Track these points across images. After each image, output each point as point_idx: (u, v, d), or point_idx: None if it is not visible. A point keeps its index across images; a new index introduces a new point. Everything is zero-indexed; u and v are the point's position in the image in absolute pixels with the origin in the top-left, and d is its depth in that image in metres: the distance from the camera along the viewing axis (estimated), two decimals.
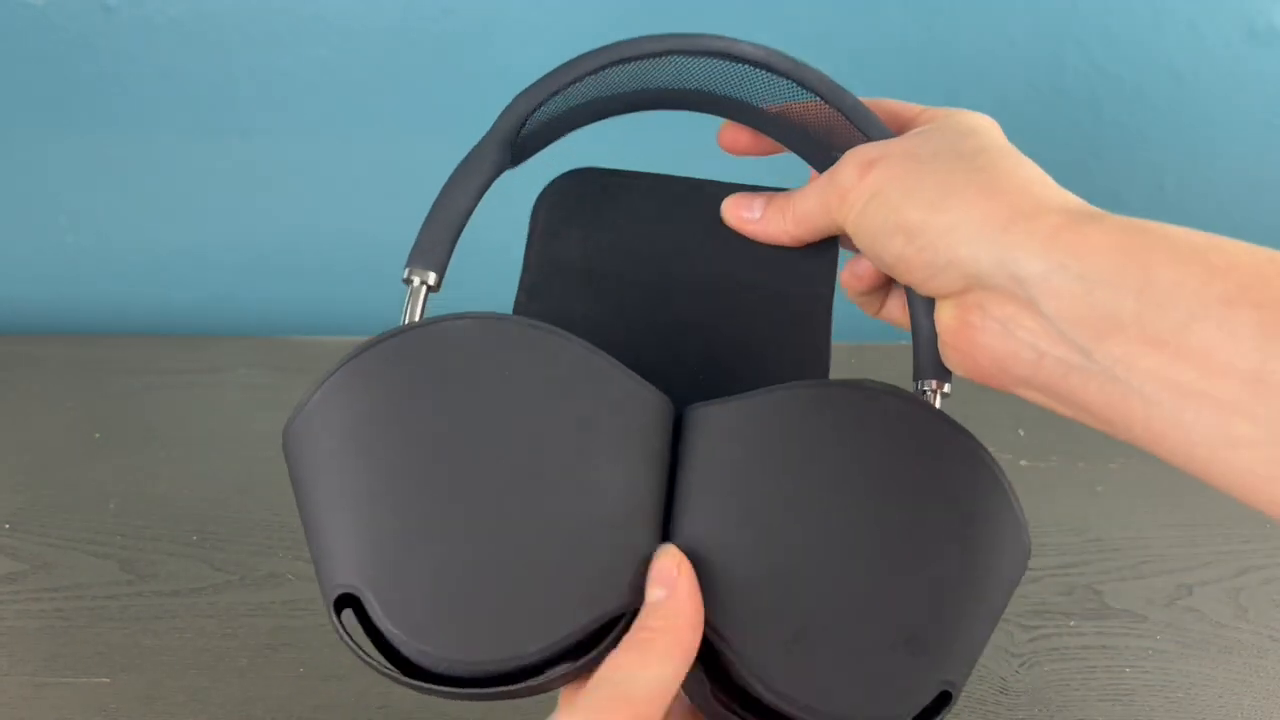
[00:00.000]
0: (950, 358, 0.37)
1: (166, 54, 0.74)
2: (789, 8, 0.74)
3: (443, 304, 0.37)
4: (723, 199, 0.43)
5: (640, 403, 0.36)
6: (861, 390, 0.37)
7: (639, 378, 0.36)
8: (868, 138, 0.40)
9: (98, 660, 0.54)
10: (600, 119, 0.43)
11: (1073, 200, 0.34)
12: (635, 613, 0.33)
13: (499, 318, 0.36)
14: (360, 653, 0.32)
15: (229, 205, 0.81)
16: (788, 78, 0.41)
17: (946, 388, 0.39)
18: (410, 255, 0.39)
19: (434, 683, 0.33)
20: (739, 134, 0.44)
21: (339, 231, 0.82)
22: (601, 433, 0.34)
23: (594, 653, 0.33)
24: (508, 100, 0.41)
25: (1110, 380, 0.31)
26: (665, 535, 0.35)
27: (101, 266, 0.83)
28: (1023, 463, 0.69)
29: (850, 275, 0.42)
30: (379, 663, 0.33)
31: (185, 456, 0.68)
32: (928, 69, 0.77)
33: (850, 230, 0.38)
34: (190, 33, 0.74)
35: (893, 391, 0.37)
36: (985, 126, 0.37)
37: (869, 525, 0.34)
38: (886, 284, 0.42)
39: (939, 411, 0.37)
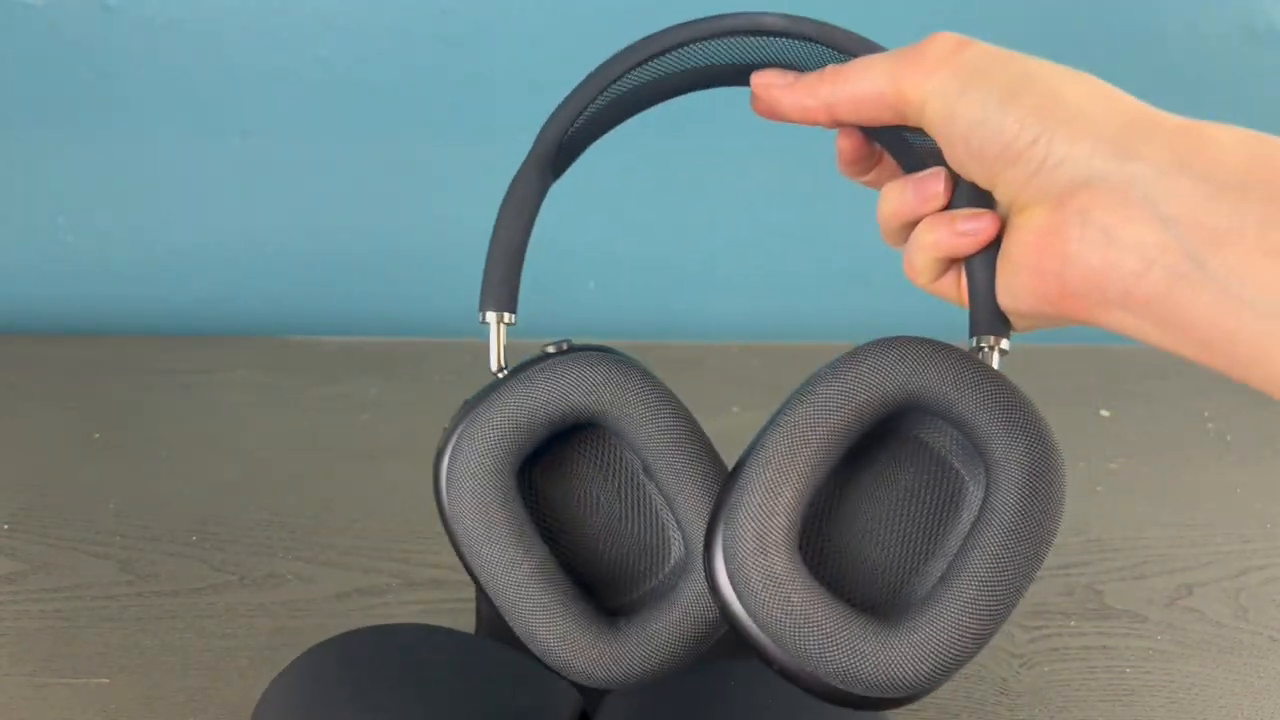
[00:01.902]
0: (1025, 284, 0.34)
1: (166, 54, 0.74)
2: (787, 5, 0.74)
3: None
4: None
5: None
6: None
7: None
8: None
9: (98, 660, 0.54)
10: (637, 113, 0.43)
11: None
12: None
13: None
14: None
15: (229, 205, 0.81)
16: (817, 42, 0.40)
17: (1005, 344, 0.37)
18: (481, 298, 0.39)
19: None
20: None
21: (338, 231, 0.82)
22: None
23: None
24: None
25: (1222, 293, 0.29)
26: None
27: (101, 266, 0.83)
28: None
29: (919, 198, 0.36)
30: None
31: (185, 456, 0.68)
32: None
33: (933, 110, 0.34)
34: (190, 33, 0.74)
35: None
36: None
37: None
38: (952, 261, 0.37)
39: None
